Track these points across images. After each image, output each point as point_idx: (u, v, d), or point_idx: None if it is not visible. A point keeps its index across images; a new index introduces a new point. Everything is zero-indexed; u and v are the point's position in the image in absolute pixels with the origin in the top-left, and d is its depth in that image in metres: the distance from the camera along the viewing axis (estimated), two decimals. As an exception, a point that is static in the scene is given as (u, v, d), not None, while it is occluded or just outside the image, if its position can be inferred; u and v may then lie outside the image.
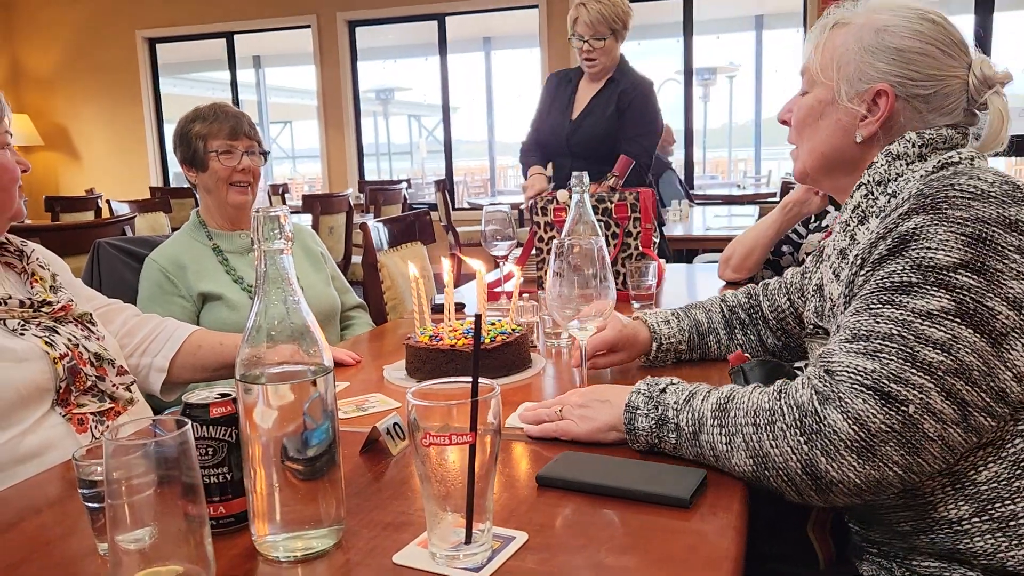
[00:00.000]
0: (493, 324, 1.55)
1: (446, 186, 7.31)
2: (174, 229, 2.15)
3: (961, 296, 0.90)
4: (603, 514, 0.92)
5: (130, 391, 1.44)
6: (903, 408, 0.87)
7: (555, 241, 1.23)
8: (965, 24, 6.75)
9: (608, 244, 2.16)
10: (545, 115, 3.24)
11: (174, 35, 9.04)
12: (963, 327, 0.89)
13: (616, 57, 3.09)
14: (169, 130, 9.23)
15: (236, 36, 9.05)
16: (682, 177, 7.31)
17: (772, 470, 0.93)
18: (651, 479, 0.96)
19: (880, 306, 0.94)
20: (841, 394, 0.89)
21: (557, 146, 3.16)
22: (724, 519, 0.90)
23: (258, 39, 9.39)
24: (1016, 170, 11.02)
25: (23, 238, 1.52)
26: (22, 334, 1.32)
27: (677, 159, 7.67)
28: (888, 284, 0.94)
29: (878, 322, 0.92)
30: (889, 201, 1.06)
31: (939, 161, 1.06)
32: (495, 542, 0.84)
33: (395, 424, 1.14)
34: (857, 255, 1.03)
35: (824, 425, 0.89)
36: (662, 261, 2.30)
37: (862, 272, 1.00)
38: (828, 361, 0.94)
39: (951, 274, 0.91)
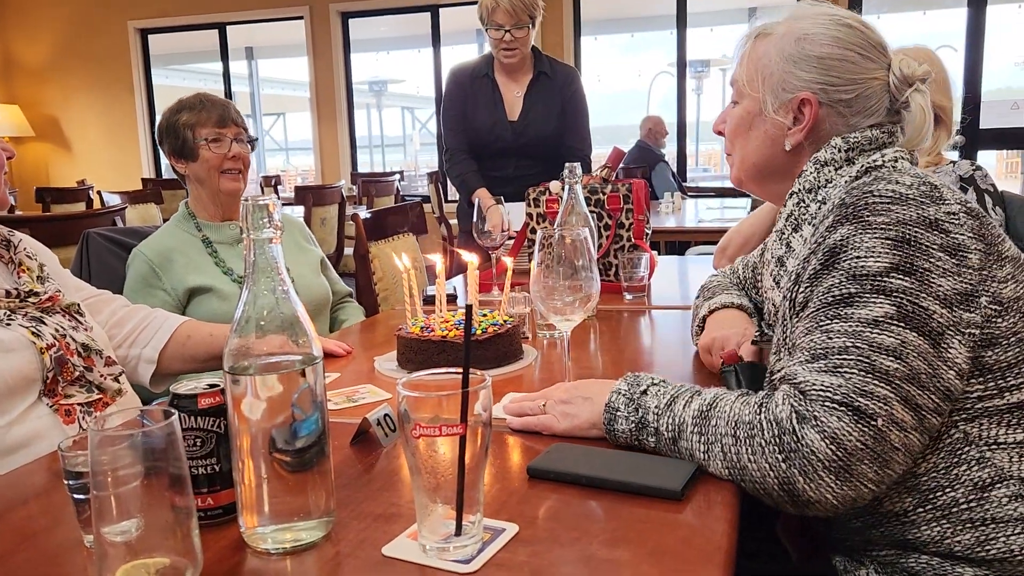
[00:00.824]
0: (484, 315, 1.54)
1: (439, 178, 7.28)
2: (166, 220, 2.13)
3: (899, 299, 0.92)
4: (594, 506, 0.92)
5: (118, 382, 1.43)
6: (872, 422, 0.88)
7: (539, 233, 1.22)
8: (958, 17, 6.75)
9: (600, 235, 2.16)
10: (470, 116, 3.01)
11: (166, 26, 8.98)
12: (907, 331, 0.91)
13: (531, 47, 2.96)
14: (161, 121, 9.18)
15: (229, 27, 9.00)
16: (675, 169, 7.31)
17: (749, 482, 0.94)
18: (643, 471, 0.96)
19: (829, 322, 0.95)
20: (816, 413, 0.89)
21: (496, 148, 2.98)
22: (716, 511, 0.89)
23: (251, 30, 9.34)
24: (1008, 163, 11.06)
25: (11, 228, 1.50)
26: (8, 324, 1.31)
27: (670, 151, 7.66)
28: (830, 299, 0.96)
29: (831, 338, 0.94)
30: (820, 208, 1.09)
31: (863, 165, 1.08)
32: (485, 534, 0.84)
33: (386, 415, 1.13)
34: (792, 271, 1.05)
35: (802, 445, 0.89)
36: (655, 253, 2.30)
37: (801, 289, 1.02)
38: (795, 381, 0.94)
39: (884, 279, 0.93)
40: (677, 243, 4.65)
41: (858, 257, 0.95)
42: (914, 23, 8.72)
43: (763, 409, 0.93)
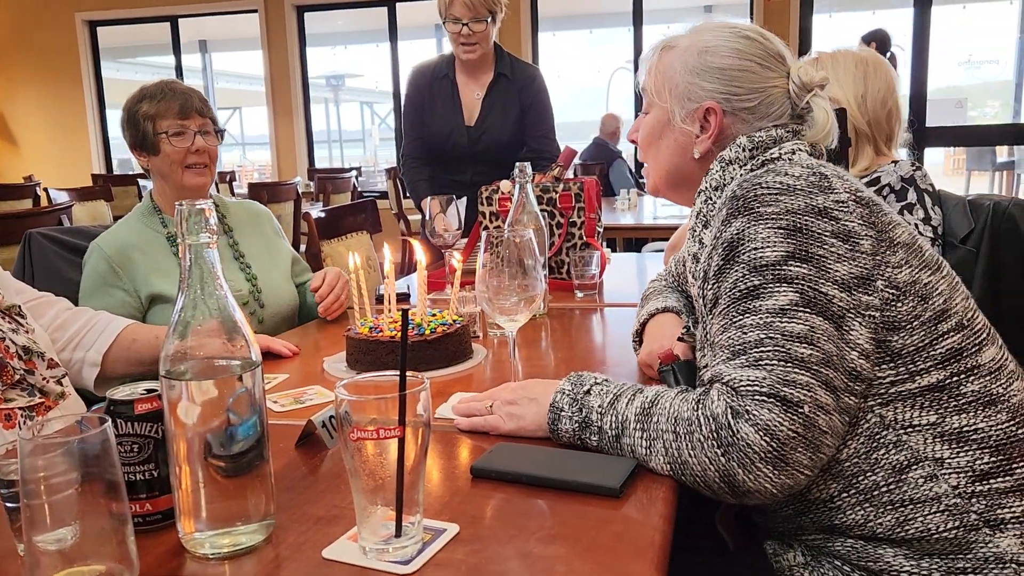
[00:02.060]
0: (434, 315, 1.54)
1: (398, 174, 7.25)
2: (116, 218, 2.03)
3: (800, 286, 0.96)
4: (535, 504, 0.93)
5: (61, 384, 1.40)
6: (800, 409, 0.91)
7: (484, 235, 1.24)
8: (905, 17, 6.90)
9: (552, 234, 2.17)
10: (428, 118, 2.97)
11: (116, 18, 8.81)
12: (813, 315, 0.95)
13: (492, 44, 2.92)
14: (112, 115, 9.01)
15: (181, 20, 8.85)
16: (632, 166, 7.37)
17: (690, 476, 0.96)
18: (583, 469, 0.97)
19: (740, 316, 0.98)
20: (748, 407, 0.92)
21: (453, 154, 2.96)
22: (654, 507, 0.91)
23: (203, 23, 9.20)
24: (954, 160, 11.35)
25: None
26: None
27: (628, 148, 7.72)
28: (737, 294, 1.00)
29: (745, 333, 0.97)
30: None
31: (760, 161, 1.13)
32: (426, 534, 0.85)
33: (331, 417, 1.13)
34: (701, 267, 1.10)
35: (738, 438, 0.91)
36: (607, 250, 2.32)
37: (708, 286, 1.06)
38: (724, 379, 0.96)
39: (783, 267, 0.97)
40: (634, 240, 4.69)
41: (755, 248, 0.99)
42: (863, 22, 8.91)
43: (700, 406, 0.96)
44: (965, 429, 0.98)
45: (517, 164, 1.78)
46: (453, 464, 1.07)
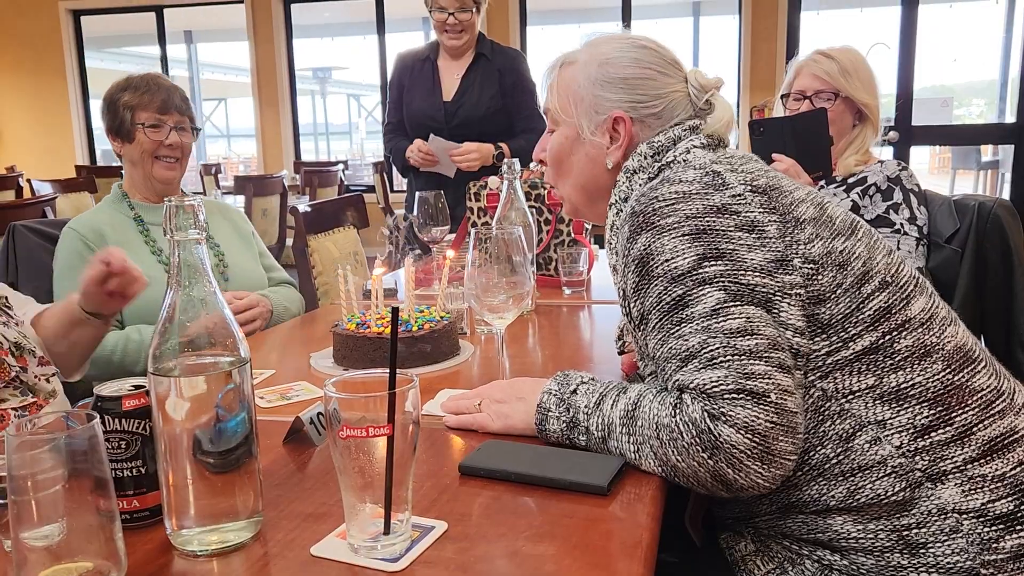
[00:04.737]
0: (422, 311, 1.54)
1: (384, 168, 7.23)
2: None
3: (723, 283, 0.98)
4: (523, 502, 0.93)
5: (50, 383, 1.39)
6: (768, 398, 0.93)
7: (472, 232, 1.24)
8: (892, 15, 6.93)
9: (540, 230, 2.18)
10: (407, 98, 3.06)
11: (100, 7, 8.71)
12: (744, 306, 0.97)
13: (476, 32, 2.98)
14: (96, 106, 8.91)
15: (166, 10, 8.77)
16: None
17: (682, 478, 0.97)
18: (571, 467, 0.98)
19: (676, 327, 0.99)
20: (723, 408, 0.93)
21: (431, 129, 3.00)
22: (641, 506, 0.92)
23: (189, 13, 9.12)
24: (940, 158, 11.43)
25: None
26: None
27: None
28: (665, 307, 1.01)
29: (687, 340, 0.98)
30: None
31: (658, 167, 1.15)
32: (414, 532, 0.85)
33: (319, 414, 1.13)
34: (618, 286, 1.11)
35: (721, 440, 0.92)
36: (595, 247, 2.33)
37: (631, 304, 1.07)
38: (690, 385, 0.97)
39: (700, 271, 0.99)
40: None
41: (667, 260, 1.01)
42: (851, 20, 8.95)
43: (678, 411, 0.96)
44: (903, 386, 1.00)
45: (505, 161, 1.78)
46: (441, 462, 1.07)
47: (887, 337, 1.01)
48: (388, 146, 3.15)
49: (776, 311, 0.98)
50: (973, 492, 0.98)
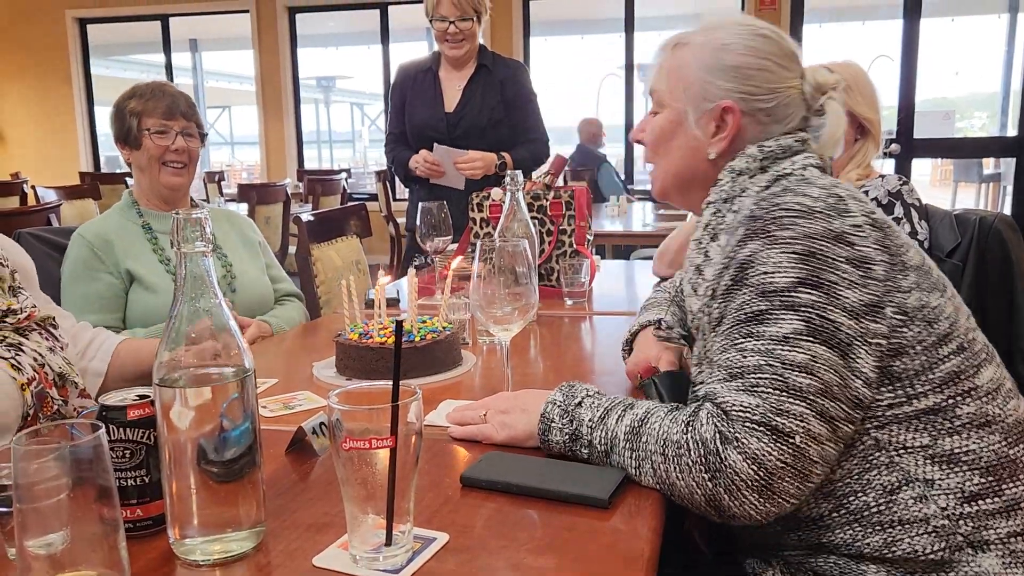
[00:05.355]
0: (424, 322, 1.55)
1: (387, 176, 7.24)
2: None
3: (807, 314, 0.95)
4: (525, 514, 0.94)
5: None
6: (791, 440, 0.91)
7: (478, 243, 1.24)
8: (894, 29, 6.95)
9: (543, 241, 2.18)
10: (409, 109, 3.07)
11: (106, 16, 8.76)
12: (816, 344, 0.94)
13: (477, 42, 3.00)
14: (100, 113, 8.95)
15: (172, 19, 8.81)
16: (621, 172, 7.39)
17: (678, 497, 0.97)
18: (572, 479, 0.98)
19: (742, 340, 0.97)
20: (738, 434, 0.92)
21: (433, 140, 3.00)
22: (642, 519, 0.92)
23: (194, 22, 9.16)
24: (941, 171, 11.44)
25: None
26: None
27: (617, 155, 7.75)
28: (743, 316, 0.98)
29: (745, 356, 0.96)
30: (735, 218, 1.10)
31: (773, 175, 1.10)
32: (416, 543, 0.85)
33: (321, 424, 1.13)
34: (709, 285, 1.07)
35: (725, 465, 0.92)
36: (596, 258, 2.33)
37: (715, 304, 1.04)
38: (717, 400, 0.96)
39: (792, 294, 0.96)
40: (623, 246, 4.70)
41: (766, 272, 0.98)
42: (853, 33, 8.98)
43: (690, 428, 0.96)
44: (956, 451, 0.98)
45: (508, 172, 1.79)
46: (443, 473, 1.07)
47: (951, 400, 0.99)
48: (390, 156, 3.17)
49: (852, 357, 0.95)
50: (1014, 566, 0.97)
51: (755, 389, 0.94)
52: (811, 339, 0.94)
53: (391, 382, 0.80)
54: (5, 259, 1.34)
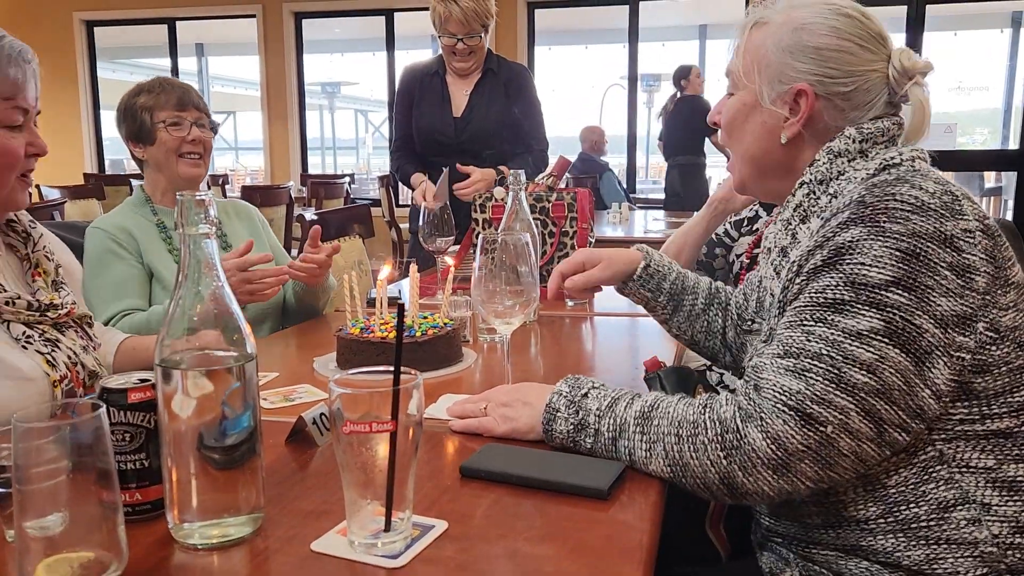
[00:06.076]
0: (425, 318, 1.55)
1: (390, 182, 7.26)
2: None
3: (891, 315, 0.90)
4: (523, 504, 0.94)
5: None
6: (821, 428, 0.90)
7: (481, 236, 1.24)
8: (897, 42, 7.02)
9: (545, 243, 2.19)
10: (416, 112, 3.06)
11: (113, 19, 8.80)
12: (890, 347, 0.90)
13: (485, 51, 3.00)
14: (106, 115, 8.98)
15: (178, 23, 8.86)
16: (624, 180, 7.40)
17: (690, 478, 0.96)
18: (571, 471, 0.98)
19: (812, 323, 0.94)
20: (763, 413, 0.91)
21: (440, 144, 3.03)
22: (640, 510, 0.92)
23: (201, 26, 9.21)
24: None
25: (35, 220, 1.38)
26: (25, 346, 1.21)
27: (619, 163, 7.76)
28: (821, 300, 0.94)
29: (809, 340, 0.93)
30: (831, 201, 1.05)
31: (881, 162, 1.05)
32: (414, 530, 0.85)
33: (321, 414, 1.13)
34: (795, 261, 1.02)
35: (744, 443, 0.91)
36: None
37: (798, 280, 0.99)
38: (757, 376, 0.95)
39: (883, 292, 0.91)
40: (624, 252, 4.68)
41: (863, 263, 0.93)
42: (857, 46, 9.00)
43: (707, 409, 0.96)
44: (1019, 478, 0.96)
45: (512, 172, 1.79)
46: (442, 463, 1.07)
47: None
48: (395, 165, 3.14)
49: (928, 366, 0.91)
50: None
51: (805, 373, 0.91)
52: (886, 340, 0.90)
53: (391, 369, 0.80)
54: (51, 253, 1.35)
